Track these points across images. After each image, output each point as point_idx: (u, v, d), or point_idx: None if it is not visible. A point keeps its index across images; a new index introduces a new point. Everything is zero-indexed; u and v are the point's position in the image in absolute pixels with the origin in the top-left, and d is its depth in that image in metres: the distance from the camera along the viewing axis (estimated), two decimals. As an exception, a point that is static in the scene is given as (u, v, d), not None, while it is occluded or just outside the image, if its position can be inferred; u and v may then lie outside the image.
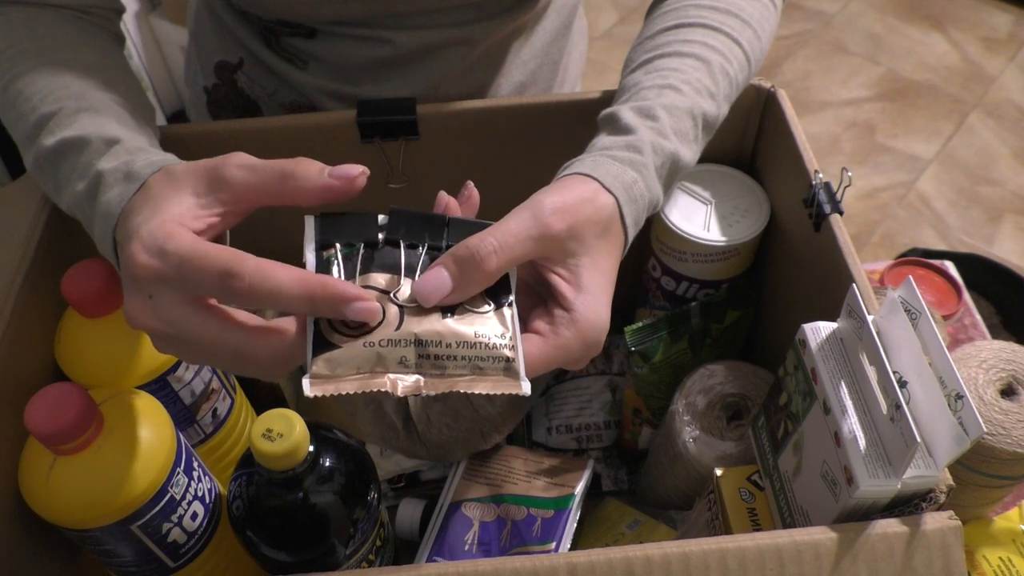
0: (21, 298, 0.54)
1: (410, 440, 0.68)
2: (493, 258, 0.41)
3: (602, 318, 0.44)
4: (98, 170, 0.46)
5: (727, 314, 0.66)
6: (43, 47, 0.53)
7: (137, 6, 1.95)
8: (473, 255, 0.40)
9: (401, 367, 0.39)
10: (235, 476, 0.54)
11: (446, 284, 0.40)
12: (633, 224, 0.48)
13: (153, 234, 0.39)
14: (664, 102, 0.52)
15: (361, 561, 0.56)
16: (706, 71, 0.54)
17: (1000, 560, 0.62)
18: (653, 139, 0.50)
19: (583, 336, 0.43)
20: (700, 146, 0.54)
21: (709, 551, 0.41)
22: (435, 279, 0.40)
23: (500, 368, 0.40)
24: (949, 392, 0.41)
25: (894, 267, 0.82)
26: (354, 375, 0.39)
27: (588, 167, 0.48)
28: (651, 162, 0.49)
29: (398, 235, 0.43)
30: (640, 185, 0.48)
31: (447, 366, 0.39)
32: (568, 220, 0.43)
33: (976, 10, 2.50)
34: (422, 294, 0.40)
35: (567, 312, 0.43)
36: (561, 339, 0.42)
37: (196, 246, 0.38)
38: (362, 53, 0.70)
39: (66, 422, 0.46)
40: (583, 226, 0.44)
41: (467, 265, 0.40)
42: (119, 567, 0.53)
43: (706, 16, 0.57)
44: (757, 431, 0.55)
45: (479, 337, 0.40)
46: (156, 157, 0.45)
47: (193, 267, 0.38)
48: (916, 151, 2.14)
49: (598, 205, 0.45)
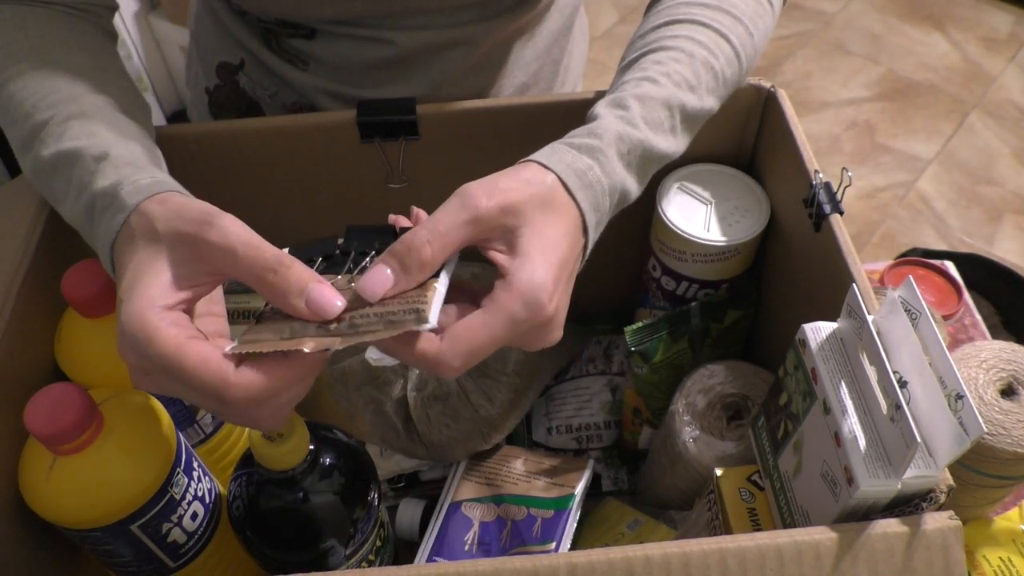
0: (21, 298, 0.54)
1: (410, 440, 0.68)
2: (427, 247, 0.42)
3: (539, 276, 0.43)
4: (90, 193, 0.46)
5: (727, 314, 0.66)
6: (34, 48, 0.53)
7: (137, 6, 1.95)
8: (408, 247, 0.42)
9: (321, 331, 0.41)
10: (235, 476, 0.54)
11: (387, 277, 0.42)
12: (591, 209, 0.47)
13: (135, 332, 0.40)
14: (637, 92, 0.52)
15: (361, 561, 0.56)
16: (687, 63, 0.54)
17: (1000, 560, 0.62)
18: (619, 127, 0.50)
19: (521, 296, 0.42)
20: (682, 137, 0.54)
21: (709, 551, 0.41)
22: (376, 274, 0.42)
23: (410, 316, 0.41)
24: (949, 392, 0.41)
25: (894, 267, 0.82)
26: (275, 340, 0.41)
27: (537, 154, 0.48)
28: (612, 148, 0.49)
29: (351, 247, 0.46)
30: (596, 171, 0.48)
31: (359, 325, 0.41)
32: (498, 198, 0.44)
33: (976, 10, 2.50)
34: (365, 290, 0.42)
35: (503, 279, 0.43)
36: (499, 304, 0.42)
37: (178, 355, 0.40)
38: (363, 54, 0.70)
39: (66, 422, 0.46)
40: (519, 202, 0.44)
41: (404, 257, 0.42)
42: (119, 567, 0.53)
43: (696, 13, 0.57)
44: (757, 431, 0.55)
45: (395, 301, 0.42)
46: (143, 180, 0.45)
47: (177, 378, 0.40)
48: (916, 151, 2.14)
49: (534, 181, 0.46)
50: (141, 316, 0.40)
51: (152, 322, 0.40)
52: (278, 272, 0.41)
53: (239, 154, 0.65)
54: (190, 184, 0.60)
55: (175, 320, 0.41)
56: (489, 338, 0.42)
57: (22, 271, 0.55)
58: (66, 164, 0.48)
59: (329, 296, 0.41)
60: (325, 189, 0.68)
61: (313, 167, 0.67)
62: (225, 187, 0.67)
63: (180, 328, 0.41)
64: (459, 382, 0.67)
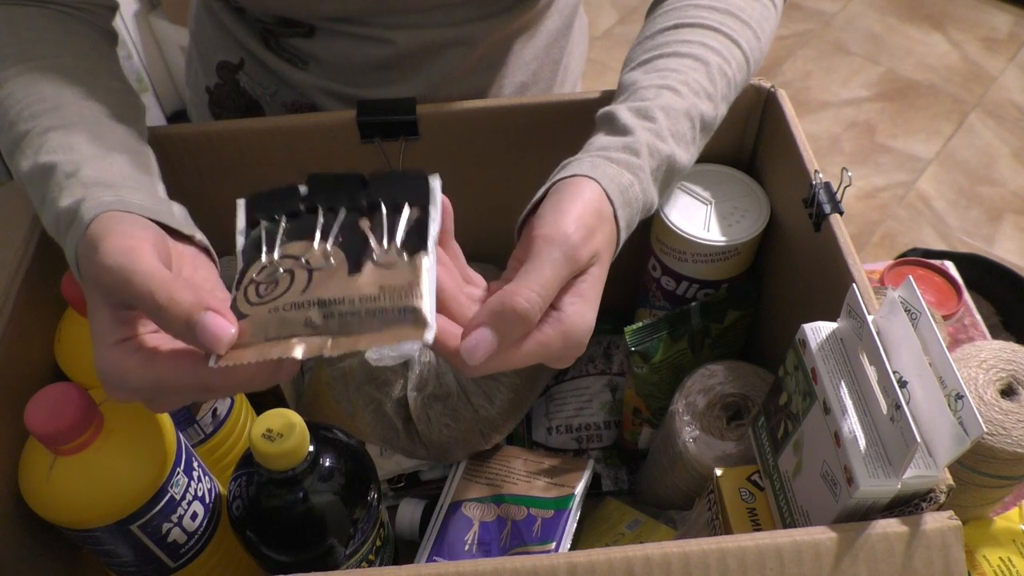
0: (21, 298, 0.54)
1: (410, 440, 0.68)
2: (537, 313, 0.41)
3: (588, 322, 0.44)
4: (57, 209, 0.46)
5: (727, 314, 0.66)
6: (24, 52, 0.53)
7: (137, 6, 1.95)
8: (518, 314, 0.41)
9: (309, 328, 0.39)
10: (235, 476, 0.54)
11: (489, 343, 0.41)
12: (626, 227, 0.48)
13: (107, 371, 0.41)
14: (662, 103, 0.52)
15: (361, 561, 0.56)
16: (704, 72, 0.54)
17: (1000, 560, 0.62)
18: (650, 141, 0.50)
19: (566, 337, 0.43)
20: (698, 148, 0.54)
21: (709, 551, 0.41)
22: (478, 340, 0.40)
23: (407, 319, 0.38)
24: (949, 392, 0.41)
25: (894, 267, 0.82)
26: (260, 343, 0.39)
27: (587, 168, 0.48)
28: (647, 165, 0.50)
29: (317, 201, 0.43)
30: (636, 188, 0.49)
31: (351, 323, 0.39)
32: (592, 247, 0.44)
33: (976, 10, 2.50)
34: (468, 354, 0.40)
35: (555, 311, 0.43)
36: (544, 336, 0.43)
37: (155, 376, 0.40)
38: (362, 53, 0.70)
39: (66, 422, 0.46)
40: (601, 247, 0.45)
41: (511, 324, 0.41)
42: (119, 567, 0.53)
43: (705, 16, 0.57)
44: (757, 431, 0.55)
45: (383, 290, 0.39)
46: (106, 197, 0.45)
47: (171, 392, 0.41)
48: (916, 151, 2.14)
49: (605, 216, 0.46)
50: (106, 359, 0.41)
51: (116, 360, 0.40)
52: (160, 311, 0.39)
53: (239, 154, 0.65)
54: (190, 184, 0.60)
55: (136, 346, 0.41)
56: (522, 358, 0.42)
57: (22, 271, 0.55)
58: (40, 178, 0.48)
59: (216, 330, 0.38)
60: (325, 189, 0.68)
61: (313, 167, 0.67)
62: (225, 187, 0.67)
63: (141, 352, 0.41)
64: (459, 382, 0.67)
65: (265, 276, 0.41)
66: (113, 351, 0.41)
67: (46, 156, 0.48)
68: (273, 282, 0.40)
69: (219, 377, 0.40)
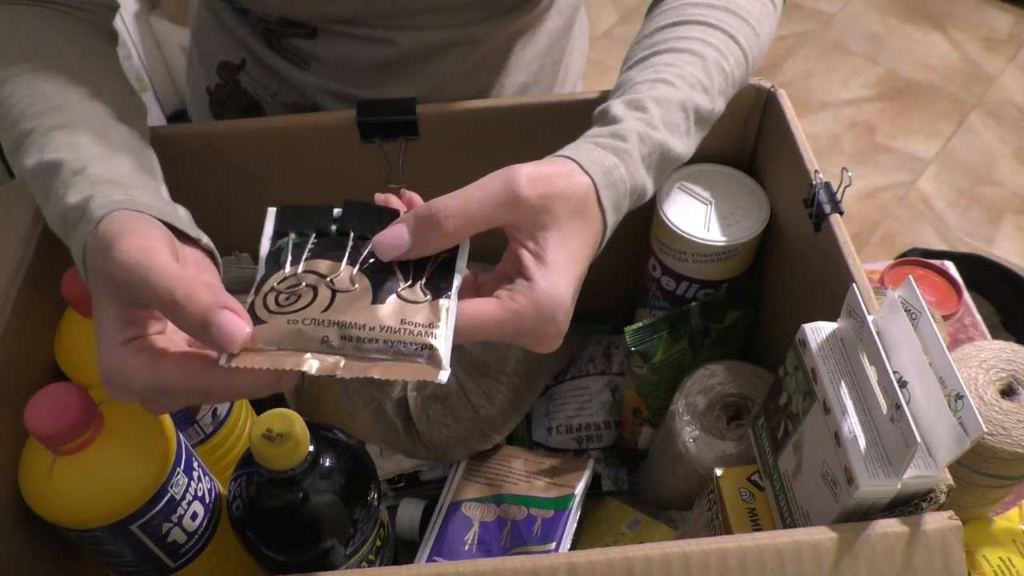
0: (21, 298, 0.54)
1: (410, 440, 0.68)
2: (451, 220, 0.42)
3: (560, 292, 0.43)
4: (64, 205, 0.46)
5: (727, 314, 0.66)
6: (27, 52, 0.53)
7: (137, 6, 1.95)
8: (433, 215, 0.42)
9: (324, 346, 0.39)
10: (235, 476, 0.54)
11: (403, 240, 0.42)
12: (612, 209, 0.48)
13: (111, 370, 0.41)
14: (654, 94, 0.52)
15: (361, 561, 0.56)
16: (700, 66, 0.54)
17: (1000, 560, 0.62)
18: (640, 128, 0.50)
19: (538, 307, 0.43)
20: (694, 139, 0.54)
21: (709, 551, 0.41)
22: (393, 234, 0.42)
23: (423, 355, 0.40)
24: (949, 392, 0.41)
25: (894, 267, 0.82)
26: (273, 351, 0.39)
27: (569, 151, 0.48)
28: (636, 150, 0.49)
29: (349, 226, 0.44)
30: (621, 170, 0.48)
31: (368, 349, 0.40)
32: (540, 189, 0.43)
33: (976, 10, 2.49)
34: (378, 247, 0.42)
35: (527, 281, 0.43)
36: (516, 304, 0.42)
37: (159, 378, 0.40)
38: (364, 54, 0.70)
39: (66, 422, 0.46)
40: (556, 199, 0.44)
41: (425, 223, 0.42)
42: (119, 567, 0.53)
43: (704, 14, 0.57)
44: (757, 431, 0.55)
45: (404, 324, 0.40)
46: (116, 196, 0.45)
47: (171, 395, 0.41)
48: (916, 151, 2.14)
49: (573, 182, 0.45)
50: (110, 358, 0.41)
51: (121, 360, 0.40)
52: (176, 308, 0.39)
53: (239, 154, 0.65)
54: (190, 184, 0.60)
55: (142, 346, 0.41)
56: (491, 328, 0.42)
57: (22, 271, 0.55)
58: (45, 175, 0.48)
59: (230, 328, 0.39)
60: (325, 189, 0.68)
61: (313, 167, 0.67)
62: (225, 187, 0.67)
63: (147, 353, 0.41)
64: (459, 382, 0.67)
65: (287, 287, 0.42)
66: (119, 350, 0.41)
67: (52, 154, 0.48)
68: (295, 295, 0.41)
69: (224, 381, 0.40)
